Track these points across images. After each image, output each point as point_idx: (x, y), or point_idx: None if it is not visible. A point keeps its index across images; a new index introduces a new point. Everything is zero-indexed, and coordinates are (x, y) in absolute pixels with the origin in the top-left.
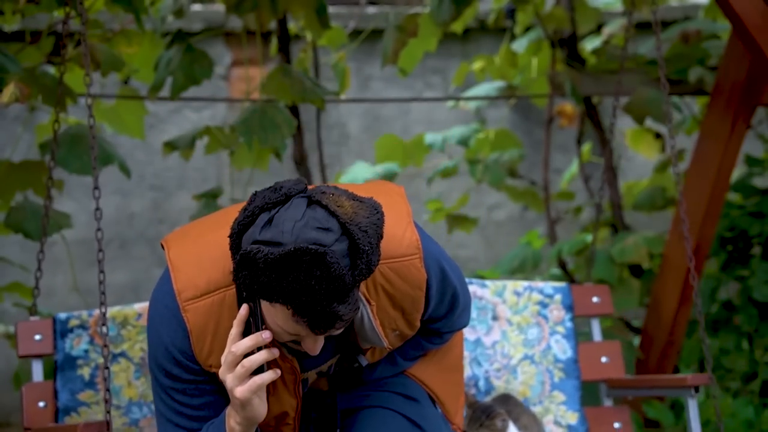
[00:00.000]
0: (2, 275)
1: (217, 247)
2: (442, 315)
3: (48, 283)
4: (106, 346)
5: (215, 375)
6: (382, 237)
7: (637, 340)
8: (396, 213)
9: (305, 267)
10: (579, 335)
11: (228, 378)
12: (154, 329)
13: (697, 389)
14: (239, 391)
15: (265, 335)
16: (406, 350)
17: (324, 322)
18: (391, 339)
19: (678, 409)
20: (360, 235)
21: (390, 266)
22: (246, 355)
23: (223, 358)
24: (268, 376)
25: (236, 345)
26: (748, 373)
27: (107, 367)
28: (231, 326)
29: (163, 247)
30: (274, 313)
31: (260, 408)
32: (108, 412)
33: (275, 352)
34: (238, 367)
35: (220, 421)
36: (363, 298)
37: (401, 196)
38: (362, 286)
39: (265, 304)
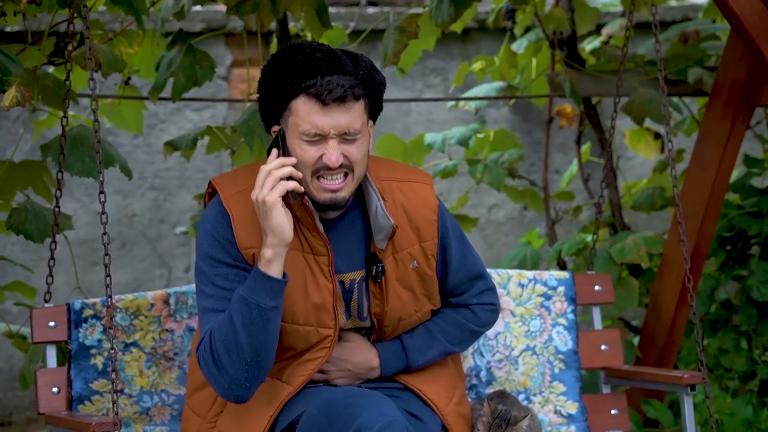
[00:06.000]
0: (3, 274)
1: (249, 168)
2: (462, 273)
3: None
4: (113, 348)
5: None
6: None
7: (636, 340)
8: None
9: (321, 51)
10: (580, 323)
11: (258, 190)
12: (202, 229)
13: (693, 388)
14: (268, 196)
15: (291, 159)
16: (438, 323)
17: (334, 91)
18: (411, 276)
19: (677, 409)
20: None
21: (406, 185)
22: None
23: (256, 182)
24: (292, 184)
25: (266, 165)
26: (747, 372)
27: (114, 370)
28: None
29: (210, 187)
30: (296, 113)
31: (285, 220)
32: (116, 413)
33: (298, 174)
34: (267, 176)
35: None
36: (378, 194)
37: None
38: (380, 191)
39: (289, 117)
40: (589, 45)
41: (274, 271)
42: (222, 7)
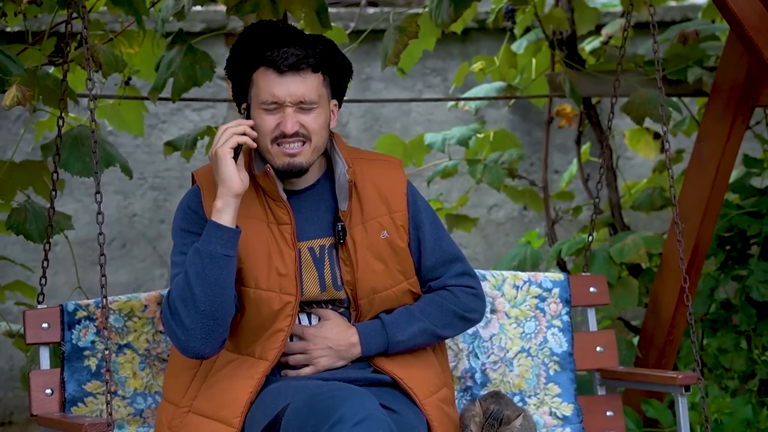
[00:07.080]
0: (4, 274)
1: None
2: (437, 254)
3: (50, 283)
4: (107, 350)
5: None
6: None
7: (636, 340)
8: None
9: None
10: (575, 325)
11: (213, 145)
12: (178, 208)
13: (687, 388)
14: (220, 148)
15: (248, 121)
16: (418, 304)
17: (288, 59)
18: (382, 246)
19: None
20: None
21: (377, 162)
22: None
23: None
24: (244, 138)
25: (223, 125)
26: (747, 372)
27: (108, 370)
28: None
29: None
30: (257, 84)
31: (234, 171)
32: (110, 414)
33: (253, 133)
34: (223, 132)
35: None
36: (344, 161)
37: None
38: (348, 163)
39: (252, 89)
40: (588, 45)
41: (225, 219)
42: (222, 7)
